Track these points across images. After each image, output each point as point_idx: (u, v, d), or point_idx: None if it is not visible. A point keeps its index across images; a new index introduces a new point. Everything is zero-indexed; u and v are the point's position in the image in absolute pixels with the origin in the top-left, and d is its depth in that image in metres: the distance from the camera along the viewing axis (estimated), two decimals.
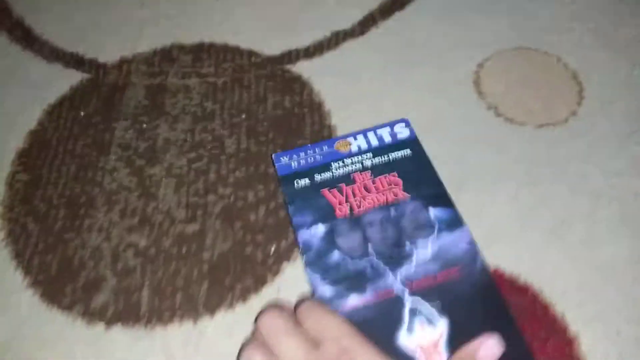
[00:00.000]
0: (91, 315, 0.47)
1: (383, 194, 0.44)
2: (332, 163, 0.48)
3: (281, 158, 0.49)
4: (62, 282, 0.48)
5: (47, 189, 0.55)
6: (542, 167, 0.54)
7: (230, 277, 0.48)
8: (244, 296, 0.47)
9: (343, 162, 0.48)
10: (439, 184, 0.46)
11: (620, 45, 0.64)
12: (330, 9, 0.71)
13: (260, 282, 0.48)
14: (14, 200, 0.54)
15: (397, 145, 0.49)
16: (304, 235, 0.43)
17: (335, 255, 0.41)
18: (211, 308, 0.46)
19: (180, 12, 0.72)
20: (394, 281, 0.39)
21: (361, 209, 0.44)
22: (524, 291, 0.46)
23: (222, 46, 0.67)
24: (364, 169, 0.47)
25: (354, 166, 0.47)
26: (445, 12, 0.70)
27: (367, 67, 0.64)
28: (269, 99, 0.61)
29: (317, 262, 0.41)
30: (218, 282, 0.48)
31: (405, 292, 0.38)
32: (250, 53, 0.66)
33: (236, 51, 0.66)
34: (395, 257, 0.40)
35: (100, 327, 0.46)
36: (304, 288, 0.47)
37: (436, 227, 0.42)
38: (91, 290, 0.48)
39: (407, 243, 0.41)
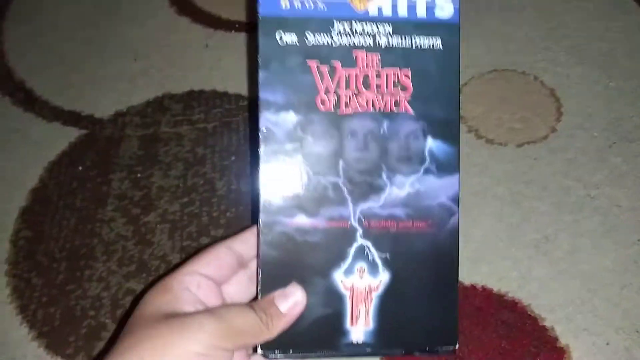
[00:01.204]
0: None
1: (383, 98, 0.36)
2: (335, 22, 0.36)
3: None
4: (65, 333, 0.50)
5: (50, 243, 0.57)
6: (525, 185, 0.55)
7: None
8: None
9: (351, 24, 0.36)
10: (455, 107, 0.36)
11: (595, 60, 0.66)
12: None
13: None
14: (18, 256, 0.56)
15: (430, 26, 0.37)
16: (268, 119, 0.35)
17: (298, 163, 0.35)
18: None
19: (171, 63, 0.75)
20: (351, 215, 0.35)
21: (349, 109, 0.36)
22: (512, 307, 0.47)
23: (211, 92, 0.70)
24: (375, 48, 0.36)
25: (362, 38, 0.36)
26: None
27: None
28: None
29: (274, 156, 0.35)
30: None
31: (359, 229, 0.35)
32: (238, 97, 0.69)
33: (224, 96, 0.69)
34: (365, 186, 0.35)
35: None
36: None
37: (425, 164, 0.36)
38: (93, 338, 0.50)
39: (384, 174, 0.35)
